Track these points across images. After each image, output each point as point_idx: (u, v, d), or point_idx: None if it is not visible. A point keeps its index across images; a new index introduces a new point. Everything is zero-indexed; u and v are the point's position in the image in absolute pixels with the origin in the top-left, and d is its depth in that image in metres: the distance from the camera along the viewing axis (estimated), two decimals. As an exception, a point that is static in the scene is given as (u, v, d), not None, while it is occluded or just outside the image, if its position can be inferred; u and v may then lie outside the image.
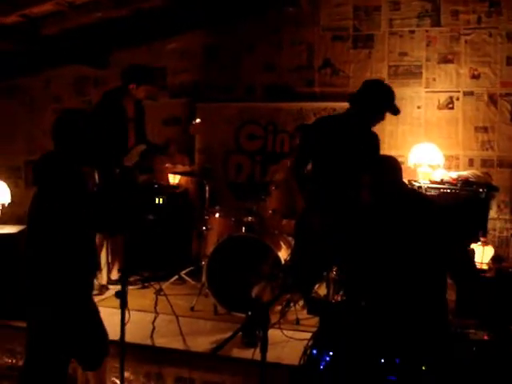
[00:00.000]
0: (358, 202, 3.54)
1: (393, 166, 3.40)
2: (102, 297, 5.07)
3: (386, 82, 6.03)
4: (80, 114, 3.67)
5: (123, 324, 3.29)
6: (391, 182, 3.29)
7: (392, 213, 3.16)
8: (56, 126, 3.49)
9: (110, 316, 3.68)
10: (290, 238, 5.17)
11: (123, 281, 3.41)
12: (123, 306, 3.28)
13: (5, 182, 5.21)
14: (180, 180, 6.50)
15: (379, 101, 4.32)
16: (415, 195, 3.39)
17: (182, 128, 5.70)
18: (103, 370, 3.65)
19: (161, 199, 5.83)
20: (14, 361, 4.53)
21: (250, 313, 4.23)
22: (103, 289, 5.32)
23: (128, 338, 4.07)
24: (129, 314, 3.38)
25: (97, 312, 3.58)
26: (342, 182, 4.14)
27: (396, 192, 3.26)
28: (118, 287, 3.37)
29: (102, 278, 5.38)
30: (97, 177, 4.56)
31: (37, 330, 3.40)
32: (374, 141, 4.46)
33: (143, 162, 5.42)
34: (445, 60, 6.01)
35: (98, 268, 5.10)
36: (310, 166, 4.50)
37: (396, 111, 4.39)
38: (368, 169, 3.44)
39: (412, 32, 6.08)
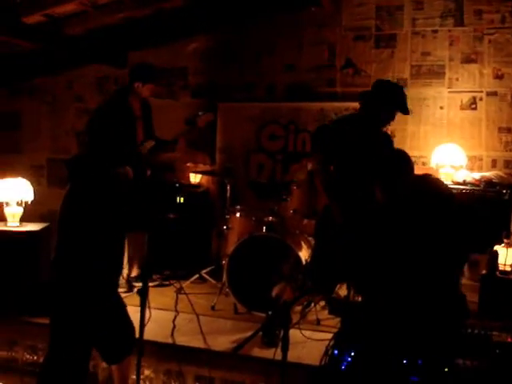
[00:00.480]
0: (368, 201, 3.52)
1: (403, 161, 3.34)
2: (124, 295, 5.09)
3: (409, 82, 6.06)
4: (108, 112, 3.69)
5: (143, 321, 3.30)
6: (404, 177, 3.24)
7: (407, 210, 3.11)
8: (89, 124, 3.49)
9: (131, 314, 3.69)
10: (310, 238, 5.16)
11: (145, 278, 3.42)
12: (143, 304, 3.29)
13: (28, 180, 5.25)
14: (201, 179, 6.51)
15: (389, 100, 4.32)
16: (434, 189, 3.30)
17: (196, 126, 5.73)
18: (127, 366, 3.67)
19: (182, 198, 5.84)
20: (35, 357, 4.57)
21: (270, 312, 4.22)
22: (131, 286, 5.36)
23: (149, 336, 4.10)
24: (149, 312, 3.39)
25: (123, 307, 3.60)
26: (356, 182, 4.15)
27: (410, 188, 3.21)
28: (139, 284, 3.38)
29: (122, 275, 5.41)
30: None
31: (61, 325, 3.42)
32: (386, 140, 4.45)
33: (152, 158, 5.44)
34: (468, 60, 5.96)
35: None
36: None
37: (406, 110, 4.38)
38: (377, 166, 3.39)
39: (435, 32, 6.03)
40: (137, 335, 3.50)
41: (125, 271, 5.46)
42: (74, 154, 3.58)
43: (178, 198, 5.89)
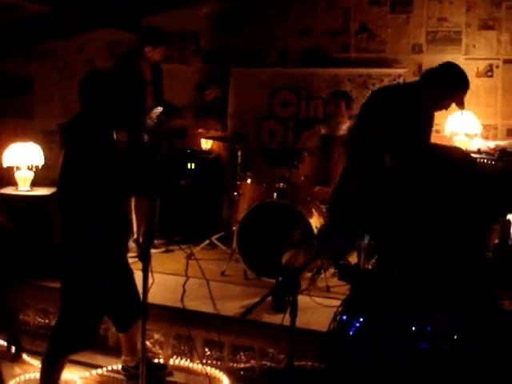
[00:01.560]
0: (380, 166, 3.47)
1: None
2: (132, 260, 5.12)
3: (424, 48, 5.96)
4: (106, 74, 3.61)
5: (146, 286, 3.29)
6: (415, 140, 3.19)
7: (421, 173, 3.06)
8: (83, 85, 3.40)
9: (137, 279, 3.69)
10: (322, 206, 5.14)
11: (147, 243, 3.41)
12: (146, 269, 3.27)
13: (39, 145, 5.24)
14: (212, 145, 6.49)
15: (456, 87, 4.17)
16: (449, 153, 3.26)
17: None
18: (134, 332, 3.69)
19: (193, 164, 5.82)
20: (47, 321, 4.62)
21: (280, 278, 4.23)
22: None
23: (158, 301, 4.15)
24: (152, 277, 3.37)
25: (131, 273, 3.61)
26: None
27: (423, 151, 3.17)
28: (151, 250, 3.38)
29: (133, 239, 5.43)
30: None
31: (71, 288, 3.43)
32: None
33: (160, 125, 5.42)
34: (485, 26, 5.85)
35: (130, 230, 5.16)
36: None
37: (462, 105, 4.25)
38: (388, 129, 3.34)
39: (452, -3, 5.91)
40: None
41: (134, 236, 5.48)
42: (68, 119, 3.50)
43: (189, 164, 5.87)
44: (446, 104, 4.27)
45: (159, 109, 5.39)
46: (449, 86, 4.20)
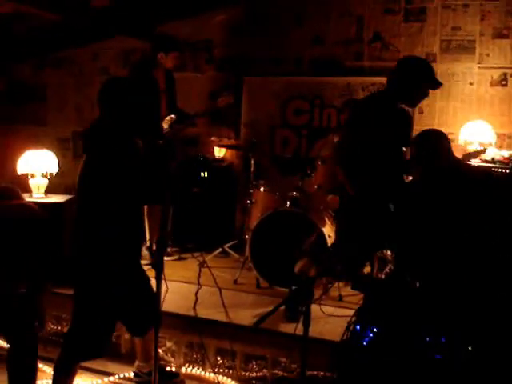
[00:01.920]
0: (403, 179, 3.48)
1: (441, 139, 3.33)
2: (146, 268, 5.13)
3: (438, 57, 5.94)
4: (126, 82, 3.66)
5: (159, 294, 3.29)
6: (441, 155, 3.22)
7: (444, 187, 3.08)
8: (104, 93, 3.47)
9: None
10: (334, 214, 5.12)
11: (160, 252, 3.41)
12: (159, 278, 3.27)
13: (53, 152, 5.27)
14: (225, 153, 6.49)
15: (417, 75, 4.24)
16: (469, 169, 3.29)
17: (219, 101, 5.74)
18: (150, 338, 3.68)
19: (206, 172, 5.83)
20: (59, 327, 4.63)
21: (293, 287, 4.21)
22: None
23: (171, 309, 4.14)
24: (166, 284, 3.37)
25: (147, 280, 3.61)
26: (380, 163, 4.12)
27: (448, 166, 3.18)
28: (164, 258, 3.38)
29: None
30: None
31: (83, 294, 3.44)
32: (399, 117, 4.35)
33: (173, 133, 5.44)
34: (499, 35, 5.82)
35: (144, 237, 5.17)
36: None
37: (436, 84, 4.30)
38: (414, 143, 3.38)
39: (466, 6, 5.88)
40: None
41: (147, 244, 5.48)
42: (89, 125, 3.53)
43: (201, 172, 5.88)
44: (423, 91, 4.31)
45: (172, 117, 5.41)
46: (416, 74, 4.24)
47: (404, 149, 4.21)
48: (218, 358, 4.14)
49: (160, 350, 4.18)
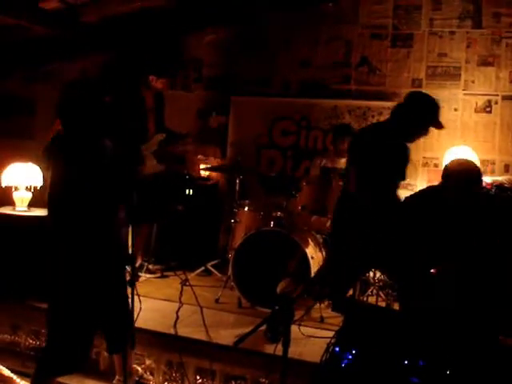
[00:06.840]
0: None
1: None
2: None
3: (424, 82, 6.02)
4: (83, 86, 3.48)
5: (132, 311, 3.28)
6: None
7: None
8: (62, 105, 3.36)
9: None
10: (318, 236, 5.14)
11: (132, 269, 3.41)
12: (133, 295, 3.27)
13: (38, 166, 5.25)
14: (211, 172, 6.50)
15: (425, 114, 4.18)
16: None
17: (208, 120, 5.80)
18: (129, 355, 3.66)
19: (191, 190, 5.84)
20: (38, 342, 4.58)
21: (276, 308, 4.21)
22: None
23: (151, 326, 4.13)
24: (140, 301, 3.35)
25: (126, 297, 3.59)
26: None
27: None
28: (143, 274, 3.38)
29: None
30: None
31: (63, 309, 3.41)
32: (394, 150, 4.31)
33: (161, 151, 5.45)
34: (485, 63, 5.91)
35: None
36: None
37: (440, 126, 4.26)
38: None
39: (452, 33, 5.99)
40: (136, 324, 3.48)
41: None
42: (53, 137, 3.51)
43: (187, 190, 5.89)
44: (426, 130, 4.28)
45: (161, 135, 5.42)
46: (424, 114, 4.21)
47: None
48: (198, 378, 4.11)
49: (139, 368, 4.16)
